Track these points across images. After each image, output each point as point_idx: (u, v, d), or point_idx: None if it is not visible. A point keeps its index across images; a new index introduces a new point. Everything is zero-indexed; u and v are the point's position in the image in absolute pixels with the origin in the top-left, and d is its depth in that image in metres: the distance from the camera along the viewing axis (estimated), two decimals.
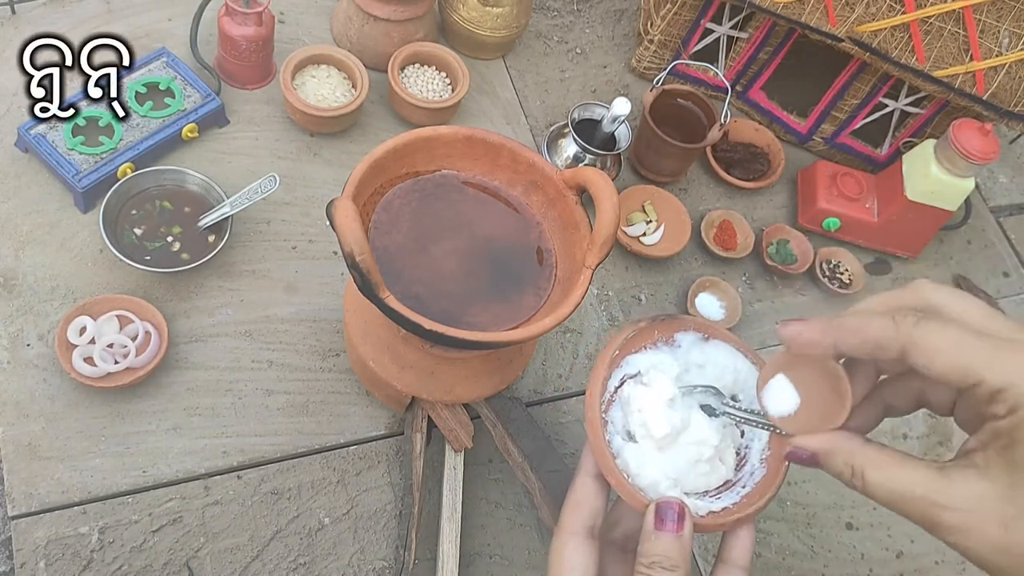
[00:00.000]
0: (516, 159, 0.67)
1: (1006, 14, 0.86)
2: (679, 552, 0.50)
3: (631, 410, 0.56)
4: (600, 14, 1.12)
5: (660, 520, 0.51)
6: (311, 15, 1.01)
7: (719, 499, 0.55)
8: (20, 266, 0.79)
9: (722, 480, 0.56)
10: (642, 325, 0.60)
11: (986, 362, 0.39)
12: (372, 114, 0.96)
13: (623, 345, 0.59)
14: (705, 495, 0.56)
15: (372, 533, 0.75)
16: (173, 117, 0.86)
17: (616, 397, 0.58)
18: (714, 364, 0.60)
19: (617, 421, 0.57)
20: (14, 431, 0.72)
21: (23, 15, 0.93)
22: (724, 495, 0.55)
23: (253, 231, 0.86)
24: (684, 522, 0.50)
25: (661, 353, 0.60)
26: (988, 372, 0.39)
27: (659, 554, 0.50)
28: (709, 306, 0.92)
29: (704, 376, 0.60)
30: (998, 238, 1.09)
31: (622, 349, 0.59)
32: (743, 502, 0.54)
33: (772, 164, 1.03)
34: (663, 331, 0.61)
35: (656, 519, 0.51)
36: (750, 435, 0.58)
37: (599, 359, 0.58)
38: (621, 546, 0.54)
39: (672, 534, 0.50)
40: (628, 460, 0.55)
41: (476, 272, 0.65)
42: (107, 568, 0.69)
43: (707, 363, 0.60)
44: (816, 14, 0.89)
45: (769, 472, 0.55)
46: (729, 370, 0.60)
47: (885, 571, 0.84)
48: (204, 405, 0.77)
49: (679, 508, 0.51)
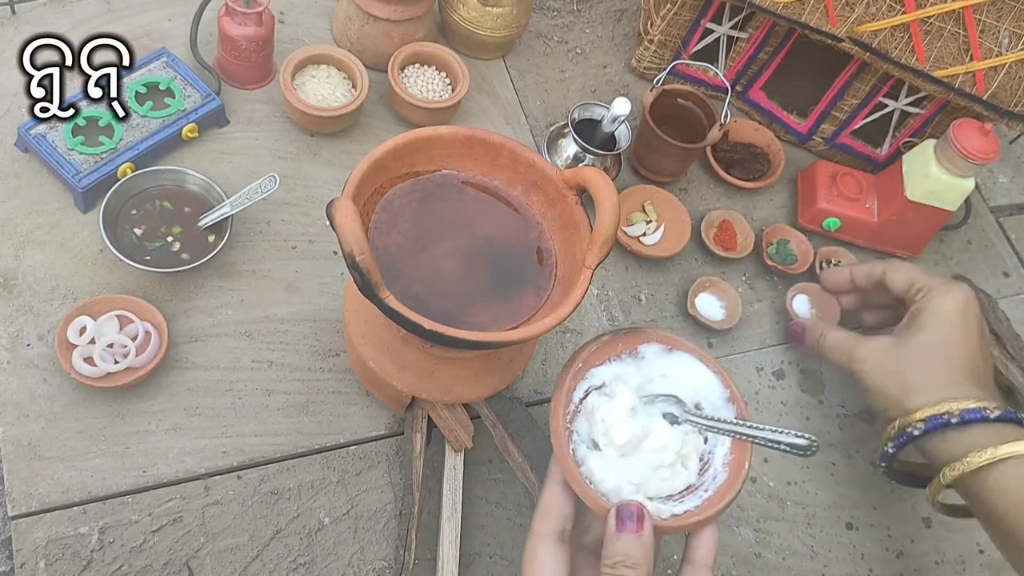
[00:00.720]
0: (516, 159, 0.67)
1: (1006, 14, 0.86)
2: (640, 551, 0.52)
3: (595, 420, 0.59)
4: (600, 14, 1.12)
5: (620, 522, 0.53)
6: (311, 15, 1.02)
7: (682, 503, 0.57)
8: (20, 266, 0.79)
9: (685, 484, 0.59)
10: (605, 339, 0.63)
11: (920, 276, 0.78)
12: (372, 114, 0.96)
13: (587, 358, 0.61)
14: (669, 499, 0.58)
15: (372, 533, 0.75)
16: (173, 117, 0.86)
17: (581, 408, 0.60)
18: (677, 375, 0.63)
19: (582, 431, 0.59)
20: (14, 431, 0.72)
21: (23, 15, 0.93)
22: (687, 499, 0.58)
23: (253, 231, 0.86)
24: (644, 523, 0.53)
25: (625, 365, 0.63)
26: (920, 280, 0.77)
27: (621, 554, 0.52)
28: (709, 306, 0.92)
29: (667, 386, 0.62)
30: (998, 238, 1.09)
31: (586, 362, 0.61)
32: (704, 505, 0.56)
33: (772, 164, 1.03)
34: (627, 344, 0.63)
35: (617, 521, 0.53)
36: (713, 441, 0.60)
37: (563, 371, 0.61)
38: (592, 551, 0.57)
39: (632, 534, 0.53)
40: (592, 468, 0.57)
41: (476, 272, 0.65)
42: (107, 568, 0.69)
43: (670, 374, 0.63)
44: (816, 14, 0.89)
45: (730, 476, 0.58)
46: (691, 380, 0.62)
47: (885, 571, 0.84)
48: (204, 405, 0.77)
49: (638, 510, 0.54)
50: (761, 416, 0.88)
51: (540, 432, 0.78)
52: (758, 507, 0.84)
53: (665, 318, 0.92)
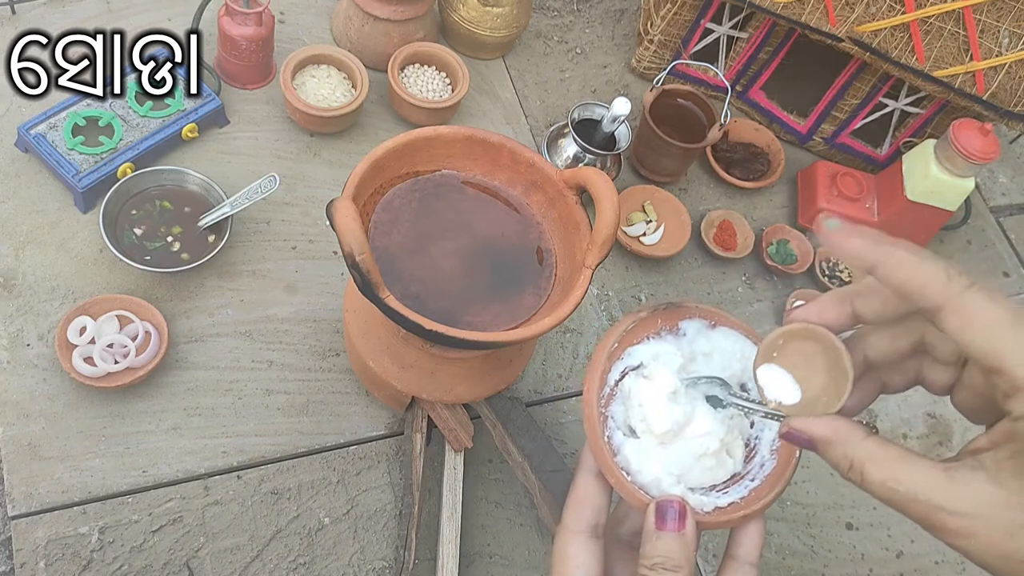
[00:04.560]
0: (516, 159, 0.67)
1: (1006, 14, 0.86)
2: (681, 552, 0.48)
3: (632, 404, 0.54)
4: (600, 14, 1.12)
5: (661, 519, 0.49)
6: (311, 15, 1.01)
7: (726, 493, 0.52)
8: (20, 266, 0.79)
9: (730, 474, 0.54)
10: (643, 315, 0.57)
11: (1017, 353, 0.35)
12: (372, 114, 0.96)
13: (623, 337, 0.56)
14: (712, 490, 0.53)
15: (372, 533, 0.75)
16: (173, 117, 0.86)
17: (617, 391, 0.56)
18: (721, 352, 0.57)
19: (618, 416, 0.55)
20: (14, 431, 0.72)
21: (23, 15, 0.93)
22: (732, 489, 0.53)
23: (253, 231, 0.86)
24: (686, 520, 0.49)
25: (664, 343, 0.57)
26: (1016, 364, 0.35)
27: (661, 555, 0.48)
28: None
29: (711, 365, 0.57)
30: (998, 238, 1.09)
31: (622, 341, 0.56)
32: (751, 496, 0.51)
33: (772, 164, 1.03)
34: (666, 320, 0.58)
35: (657, 518, 0.49)
36: (759, 425, 0.54)
37: (596, 351, 0.55)
38: (628, 543, 0.52)
39: (674, 533, 0.49)
40: (629, 457, 0.53)
41: (476, 272, 0.65)
42: (107, 568, 0.69)
43: (713, 351, 0.57)
44: (816, 14, 0.89)
45: (780, 463, 0.52)
46: (736, 358, 0.56)
47: (885, 571, 0.84)
48: (204, 405, 0.77)
49: (680, 506, 0.50)
50: None
51: (540, 432, 0.78)
52: None
53: None
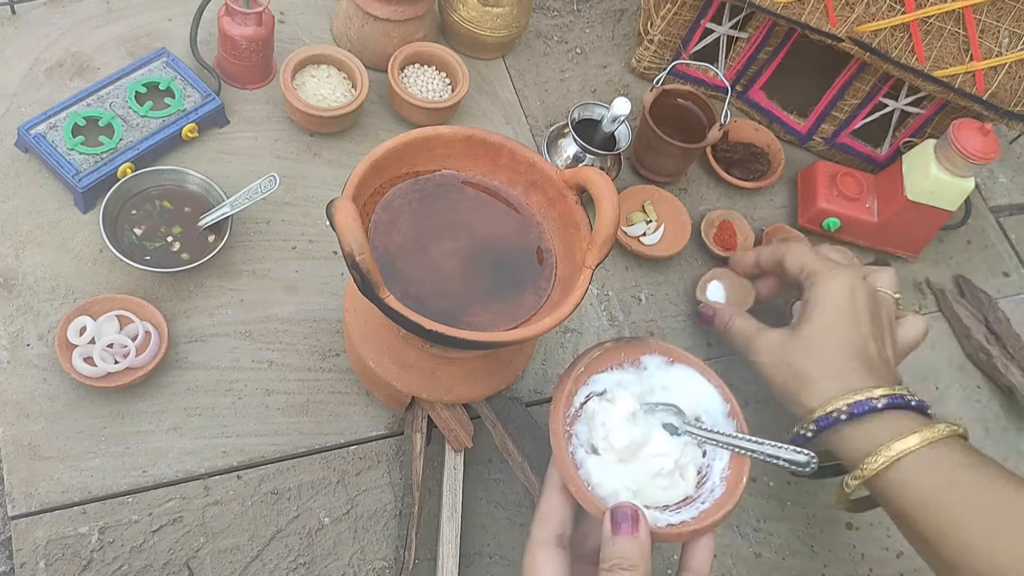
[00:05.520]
0: (516, 159, 0.67)
1: (1006, 14, 0.86)
2: (637, 552, 0.52)
3: (595, 424, 0.60)
4: (600, 14, 1.12)
5: (616, 524, 0.53)
6: (311, 15, 1.02)
7: (678, 513, 0.58)
8: (20, 266, 0.79)
9: (683, 496, 0.59)
10: (608, 345, 0.63)
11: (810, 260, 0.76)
12: (372, 114, 0.96)
13: (590, 363, 0.62)
14: (666, 509, 0.58)
15: (372, 533, 0.75)
16: (173, 117, 0.86)
17: (582, 412, 0.60)
18: (677, 387, 0.63)
19: (582, 435, 0.60)
20: (14, 431, 0.72)
21: (23, 15, 0.93)
22: (684, 509, 0.58)
23: (253, 231, 0.86)
24: (639, 524, 0.53)
25: (626, 373, 0.63)
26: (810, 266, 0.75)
27: (618, 556, 0.52)
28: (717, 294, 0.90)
29: (668, 398, 0.62)
30: (998, 238, 1.09)
31: (588, 367, 0.62)
32: (701, 516, 0.57)
33: (772, 164, 1.03)
34: (629, 353, 0.63)
35: (612, 524, 0.53)
36: (712, 455, 0.61)
37: (565, 375, 0.61)
38: (591, 560, 0.56)
39: (628, 535, 0.53)
40: (591, 471, 0.58)
41: (476, 272, 0.65)
42: (107, 568, 0.69)
43: (671, 386, 0.63)
44: (816, 14, 0.89)
45: (728, 489, 0.58)
46: (692, 393, 0.63)
47: (885, 571, 0.84)
48: (204, 405, 0.77)
49: (632, 511, 0.54)
50: (760, 417, 0.88)
51: (540, 432, 0.78)
52: (758, 507, 0.84)
53: (665, 318, 0.92)
